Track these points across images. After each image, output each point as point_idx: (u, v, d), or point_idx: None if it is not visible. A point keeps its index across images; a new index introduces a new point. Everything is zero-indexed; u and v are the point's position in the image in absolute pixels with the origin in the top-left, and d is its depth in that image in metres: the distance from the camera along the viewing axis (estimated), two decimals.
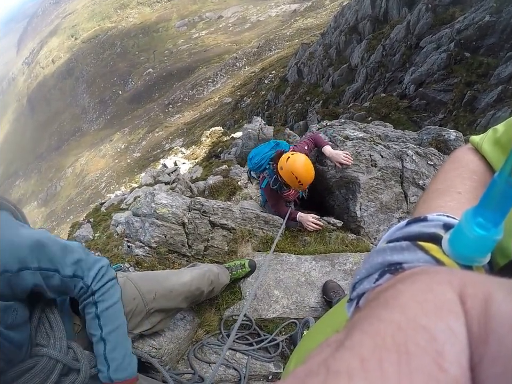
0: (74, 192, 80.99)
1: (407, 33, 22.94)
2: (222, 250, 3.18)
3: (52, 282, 1.24)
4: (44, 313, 1.32)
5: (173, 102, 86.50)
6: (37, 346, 1.26)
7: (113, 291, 1.40)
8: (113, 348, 1.35)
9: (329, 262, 3.02)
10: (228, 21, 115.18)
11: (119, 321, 1.40)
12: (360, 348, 0.23)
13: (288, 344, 2.57)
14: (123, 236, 3.38)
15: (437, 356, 0.22)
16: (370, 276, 0.43)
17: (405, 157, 3.85)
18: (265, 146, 3.99)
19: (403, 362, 0.22)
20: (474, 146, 0.82)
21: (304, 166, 3.33)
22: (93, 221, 13.28)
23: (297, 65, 35.93)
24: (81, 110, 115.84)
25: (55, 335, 1.30)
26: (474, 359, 0.23)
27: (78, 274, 1.30)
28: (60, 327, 1.33)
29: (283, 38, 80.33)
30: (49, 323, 1.32)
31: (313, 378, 0.22)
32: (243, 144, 9.67)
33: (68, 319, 1.47)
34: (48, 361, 1.24)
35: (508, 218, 0.36)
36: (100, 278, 1.36)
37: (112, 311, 1.37)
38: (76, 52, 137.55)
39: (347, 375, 0.21)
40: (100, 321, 1.34)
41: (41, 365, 1.23)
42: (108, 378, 1.34)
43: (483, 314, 0.24)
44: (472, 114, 15.47)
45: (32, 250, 1.17)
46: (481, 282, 0.27)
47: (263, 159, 3.81)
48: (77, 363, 1.32)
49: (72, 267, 1.28)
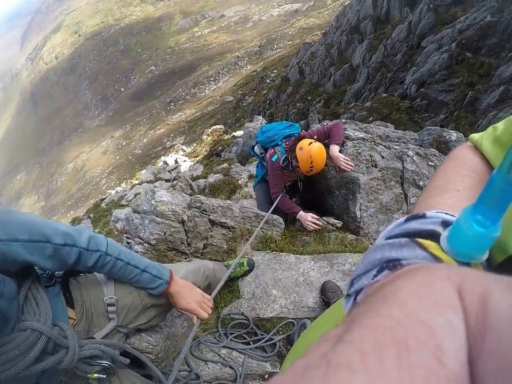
0: (75, 188, 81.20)
1: (408, 33, 22.94)
2: (221, 248, 3.17)
3: (46, 252, 1.27)
4: (31, 291, 1.30)
5: (175, 100, 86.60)
6: (22, 322, 1.22)
7: (114, 242, 1.56)
8: (152, 268, 1.63)
9: (328, 262, 3.01)
10: (230, 19, 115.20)
11: (134, 253, 1.63)
12: (360, 342, 0.24)
13: (285, 344, 2.57)
14: (123, 232, 3.38)
15: (436, 350, 0.22)
16: (368, 272, 0.43)
17: (406, 158, 3.84)
18: (278, 124, 4.09)
19: (403, 356, 0.22)
20: (474, 144, 0.82)
21: (322, 154, 3.51)
22: (93, 216, 13.31)
23: (299, 64, 35.94)
24: (83, 106, 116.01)
25: (41, 311, 1.27)
26: (472, 353, 0.23)
27: (68, 243, 1.33)
28: (46, 305, 1.30)
29: (285, 37, 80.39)
30: (35, 301, 1.29)
31: (313, 372, 0.23)
32: (244, 143, 9.66)
33: (62, 310, 1.47)
34: (31, 333, 1.19)
35: (506, 216, 0.36)
36: (99, 241, 1.46)
37: (127, 251, 1.57)
38: (79, 48, 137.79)
39: (347, 368, 0.22)
40: (131, 264, 1.55)
41: (23, 337, 1.17)
42: (166, 282, 1.66)
43: (481, 310, 0.24)
44: (474, 115, 15.47)
45: (20, 225, 1.20)
46: (480, 278, 0.27)
47: (276, 134, 3.90)
48: (64, 340, 1.28)
49: (62, 236, 1.31)
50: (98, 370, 1.41)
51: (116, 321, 1.59)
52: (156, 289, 1.64)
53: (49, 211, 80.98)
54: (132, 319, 1.68)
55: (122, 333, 1.65)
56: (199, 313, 1.80)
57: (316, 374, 0.22)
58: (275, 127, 4.01)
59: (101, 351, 1.41)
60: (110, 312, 1.59)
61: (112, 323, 1.59)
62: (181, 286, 1.75)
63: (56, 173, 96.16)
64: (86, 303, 1.57)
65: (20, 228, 1.19)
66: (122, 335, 1.65)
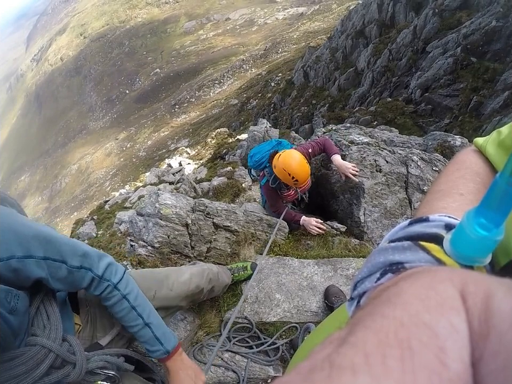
0: (79, 189, 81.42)
1: (413, 38, 22.94)
2: (224, 252, 3.18)
3: (59, 273, 1.24)
4: (43, 304, 1.29)
5: (179, 103, 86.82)
6: (31, 337, 1.21)
7: (131, 280, 1.47)
8: (157, 327, 1.48)
9: (332, 266, 3.00)
10: (236, 23, 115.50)
11: (149, 304, 1.51)
12: (363, 343, 0.24)
13: (288, 348, 2.56)
14: (126, 234, 3.39)
15: (439, 352, 0.22)
16: (372, 275, 0.43)
17: (410, 163, 3.83)
18: (266, 145, 3.91)
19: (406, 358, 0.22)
20: (478, 148, 0.82)
21: (296, 161, 3.27)
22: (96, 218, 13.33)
23: (304, 68, 36.00)
24: (88, 108, 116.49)
25: (51, 326, 1.25)
26: (475, 355, 0.23)
27: (85, 266, 1.29)
28: (57, 319, 1.29)
29: (290, 41, 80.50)
30: (46, 314, 1.28)
31: (317, 374, 0.23)
32: (248, 146, 9.66)
33: (69, 317, 1.47)
34: (40, 350, 1.18)
35: (509, 219, 0.36)
36: (115, 271, 1.40)
37: (141, 298, 1.47)
38: (84, 50, 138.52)
39: (351, 370, 0.22)
40: (137, 310, 1.43)
41: (31, 353, 1.15)
42: (165, 352, 1.48)
43: (484, 312, 0.24)
44: (478, 120, 15.44)
45: (37, 241, 1.17)
46: (482, 280, 0.27)
47: (263, 157, 3.73)
48: (72, 356, 1.27)
49: (79, 258, 1.28)
50: (103, 379, 1.40)
51: (120, 326, 1.59)
52: (152, 353, 1.50)
53: (52, 212, 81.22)
54: None
55: (127, 337, 1.65)
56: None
57: (320, 376, 0.22)
58: (262, 149, 3.85)
59: (106, 362, 1.40)
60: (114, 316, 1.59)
61: (117, 327, 1.58)
62: (184, 368, 1.57)
63: (60, 175, 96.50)
64: (91, 308, 1.58)
65: (36, 243, 1.17)
66: (126, 339, 1.65)
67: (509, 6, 17.01)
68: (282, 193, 3.70)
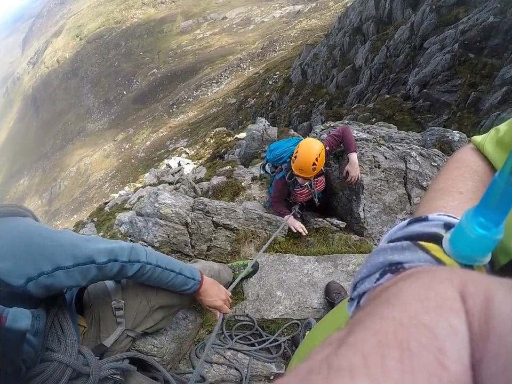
0: (78, 191, 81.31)
1: (411, 34, 22.91)
2: (225, 250, 3.18)
3: (90, 274, 1.29)
4: (57, 317, 1.34)
5: (177, 103, 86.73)
6: (47, 351, 1.27)
7: (150, 249, 1.61)
8: (185, 270, 1.69)
9: (332, 263, 3.01)
10: (232, 22, 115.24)
11: (169, 257, 1.69)
12: (362, 344, 0.23)
13: (290, 345, 2.56)
14: (126, 235, 3.39)
15: (439, 353, 0.22)
16: (371, 275, 0.43)
17: (409, 158, 3.84)
18: (287, 141, 3.98)
19: (405, 360, 0.22)
20: (476, 146, 0.82)
21: (304, 146, 3.37)
22: (96, 220, 13.33)
23: (301, 66, 35.95)
24: (85, 110, 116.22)
25: (67, 340, 1.31)
26: (475, 356, 0.22)
27: (111, 259, 1.35)
28: (72, 332, 1.34)
29: (287, 39, 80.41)
30: (61, 327, 1.33)
31: (315, 376, 0.22)
32: (247, 145, 9.64)
33: (75, 321, 1.48)
34: (58, 366, 1.25)
35: (509, 218, 0.36)
36: (139, 250, 1.50)
37: (164, 257, 1.63)
38: (80, 52, 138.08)
39: (349, 372, 0.21)
40: (168, 269, 1.60)
41: (51, 370, 1.24)
42: (198, 282, 1.73)
43: (484, 313, 0.24)
44: (476, 116, 15.42)
45: (62, 249, 1.21)
46: (482, 281, 0.27)
47: (285, 151, 3.79)
48: (86, 368, 1.33)
49: (105, 253, 1.33)
50: None
51: (124, 325, 1.60)
52: (189, 289, 1.71)
53: (52, 215, 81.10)
54: (139, 322, 1.69)
55: (131, 337, 1.65)
56: (225, 310, 1.90)
57: (318, 378, 0.22)
58: (283, 144, 3.92)
59: (115, 369, 1.46)
60: (118, 316, 1.60)
61: (121, 327, 1.59)
62: (209, 284, 1.83)
63: (59, 177, 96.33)
64: (94, 309, 1.58)
65: (62, 253, 1.21)
66: (130, 339, 1.66)
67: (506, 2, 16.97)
68: (296, 191, 3.74)
